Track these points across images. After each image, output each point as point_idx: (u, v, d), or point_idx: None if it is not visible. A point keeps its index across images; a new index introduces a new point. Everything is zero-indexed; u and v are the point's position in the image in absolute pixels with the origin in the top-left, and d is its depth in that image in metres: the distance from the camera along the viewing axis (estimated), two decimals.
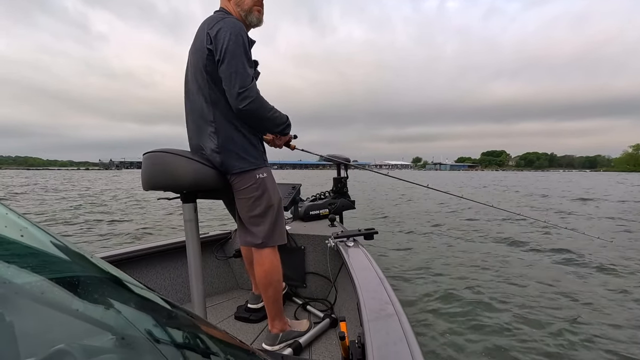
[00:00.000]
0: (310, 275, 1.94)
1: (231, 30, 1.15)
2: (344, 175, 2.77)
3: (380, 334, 0.77)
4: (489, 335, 2.15)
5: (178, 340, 0.34)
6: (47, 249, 0.34)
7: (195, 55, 1.24)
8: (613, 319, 2.35)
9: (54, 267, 0.34)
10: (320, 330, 1.51)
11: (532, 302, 2.61)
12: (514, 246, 4.39)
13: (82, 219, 6.75)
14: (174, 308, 0.38)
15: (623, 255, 3.92)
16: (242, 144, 1.25)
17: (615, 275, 3.24)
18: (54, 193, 13.45)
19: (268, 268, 1.33)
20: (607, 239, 3.88)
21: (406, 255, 4.02)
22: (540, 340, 2.07)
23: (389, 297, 0.98)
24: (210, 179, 1.24)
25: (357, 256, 1.43)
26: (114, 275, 0.37)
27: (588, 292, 2.83)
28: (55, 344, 0.27)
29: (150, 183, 1.21)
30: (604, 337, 2.10)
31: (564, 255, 3.93)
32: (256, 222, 1.31)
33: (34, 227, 0.35)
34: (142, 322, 0.34)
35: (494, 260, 3.76)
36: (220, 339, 0.38)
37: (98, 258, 0.37)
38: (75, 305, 0.30)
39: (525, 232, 5.32)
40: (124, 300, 0.35)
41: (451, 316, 2.40)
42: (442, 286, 2.97)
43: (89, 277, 0.35)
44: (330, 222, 2.14)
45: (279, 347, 1.37)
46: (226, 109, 1.23)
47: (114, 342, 0.29)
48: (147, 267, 1.80)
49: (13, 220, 0.34)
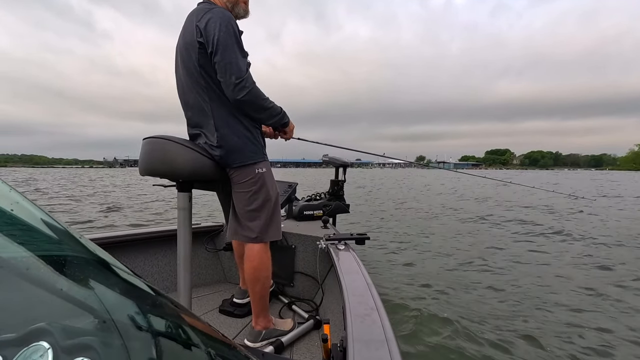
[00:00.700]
0: (298, 274, 1.94)
1: (220, 21, 1.14)
2: (341, 178, 2.77)
3: (362, 339, 0.77)
4: (474, 344, 2.16)
5: (160, 328, 0.34)
6: (36, 224, 0.34)
7: (186, 50, 1.21)
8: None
9: (41, 244, 0.34)
10: (304, 331, 1.51)
11: (523, 311, 2.62)
12: (507, 251, 4.39)
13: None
14: (158, 296, 0.38)
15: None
16: (241, 137, 1.25)
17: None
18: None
19: (257, 264, 1.32)
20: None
21: (396, 261, 4.03)
22: (532, 350, 2.09)
23: (374, 303, 0.98)
24: (208, 169, 1.24)
25: (347, 260, 1.43)
26: (101, 257, 0.37)
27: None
28: (35, 322, 0.27)
29: (148, 169, 1.21)
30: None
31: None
32: (252, 217, 1.31)
33: (26, 202, 0.35)
34: (125, 307, 0.33)
35: (486, 270, 3.78)
36: (202, 331, 0.38)
37: (87, 239, 0.37)
38: (60, 284, 0.30)
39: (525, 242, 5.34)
40: (109, 283, 0.35)
41: (436, 325, 2.41)
42: (429, 294, 2.98)
43: (76, 258, 0.35)
44: (323, 224, 2.14)
45: (260, 344, 1.37)
46: (223, 102, 1.22)
47: (95, 324, 0.29)
48: (135, 252, 1.79)
49: (4, 193, 0.34)
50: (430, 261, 4.15)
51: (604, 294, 2.95)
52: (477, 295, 3.00)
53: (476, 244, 5.00)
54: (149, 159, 1.20)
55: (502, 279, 3.56)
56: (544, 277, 3.48)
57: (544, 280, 3.45)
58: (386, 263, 3.99)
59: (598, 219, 6.87)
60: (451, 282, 3.43)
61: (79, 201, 9.17)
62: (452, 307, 2.75)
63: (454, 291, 3.13)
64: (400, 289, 3.16)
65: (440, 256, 4.31)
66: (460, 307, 2.77)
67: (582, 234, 5.33)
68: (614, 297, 2.87)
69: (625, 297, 2.87)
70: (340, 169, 2.78)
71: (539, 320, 2.52)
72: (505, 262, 4.13)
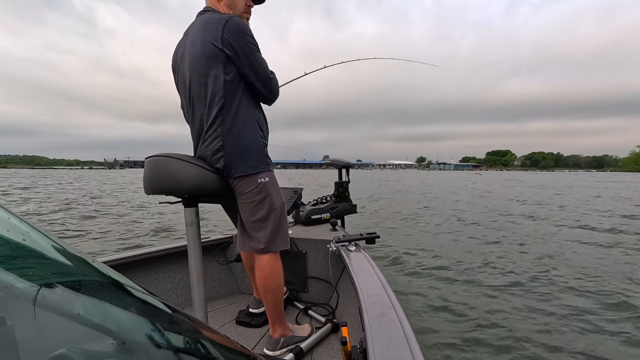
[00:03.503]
0: (311, 279, 1.93)
1: (243, 28, 1.21)
2: (345, 179, 2.77)
3: (382, 339, 0.76)
4: (496, 341, 2.12)
5: (179, 345, 0.34)
6: (48, 253, 0.34)
7: (206, 59, 1.19)
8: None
9: (55, 271, 0.34)
10: (322, 335, 1.50)
11: (548, 311, 2.57)
12: (529, 254, 4.32)
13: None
14: (175, 312, 0.38)
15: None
16: (244, 147, 1.25)
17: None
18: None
19: (268, 274, 1.32)
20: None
21: (410, 258, 4.00)
22: (557, 348, 2.04)
23: (390, 302, 0.97)
24: (212, 183, 1.24)
25: (359, 260, 1.42)
26: (115, 279, 0.37)
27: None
28: (56, 349, 0.27)
29: (153, 187, 1.22)
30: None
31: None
32: (258, 227, 1.31)
33: (36, 231, 0.35)
34: (143, 327, 0.33)
35: (505, 263, 3.73)
36: (221, 344, 0.38)
37: (99, 262, 0.37)
38: (77, 309, 0.30)
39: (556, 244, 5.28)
40: (125, 304, 0.35)
41: (455, 322, 2.38)
42: (446, 291, 2.95)
43: (90, 282, 0.35)
44: (332, 227, 2.14)
45: (280, 352, 1.36)
46: (237, 114, 1.23)
47: (114, 346, 0.29)
48: (148, 271, 1.80)
49: (15, 224, 0.34)
50: (451, 253, 4.11)
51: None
52: (504, 292, 2.94)
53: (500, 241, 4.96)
54: (152, 177, 1.21)
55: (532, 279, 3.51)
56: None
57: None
58: (400, 260, 3.96)
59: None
60: (472, 275, 3.39)
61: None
62: (473, 301, 2.71)
63: (475, 286, 3.09)
64: (415, 284, 3.13)
65: (460, 249, 4.27)
66: (483, 301, 2.73)
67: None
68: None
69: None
70: (343, 170, 2.77)
71: (559, 323, 2.45)
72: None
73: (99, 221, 6.88)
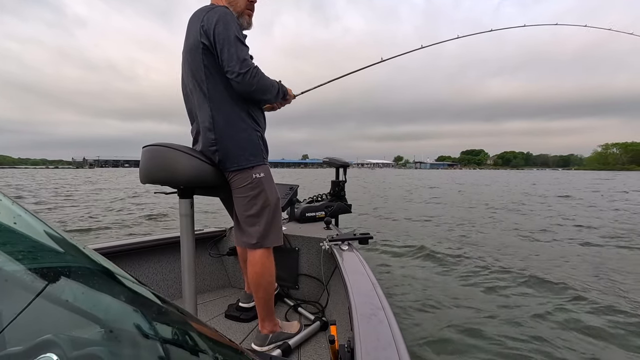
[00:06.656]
0: (303, 277, 1.94)
1: (219, 17, 1.18)
2: (342, 178, 2.77)
3: (370, 339, 0.76)
4: (483, 343, 2.15)
5: (167, 336, 0.34)
6: (40, 237, 0.34)
7: (190, 53, 1.24)
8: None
9: (45, 256, 0.34)
10: (311, 333, 1.50)
11: (534, 314, 2.60)
12: (516, 255, 4.38)
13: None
14: (164, 303, 0.38)
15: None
16: (240, 141, 1.25)
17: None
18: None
19: (259, 270, 1.32)
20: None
21: (401, 260, 4.02)
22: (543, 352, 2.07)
23: (380, 303, 0.97)
24: (209, 175, 1.24)
25: (351, 260, 1.43)
26: (105, 267, 0.37)
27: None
28: (42, 334, 0.27)
29: (148, 177, 1.21)
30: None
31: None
32: (252, 222, 1.31)
33: (28, 215, 0.35)
34: (132, 316, 0.33)
35: (493, 267, 3.76)
36: (209, 337, 0.38)
37: (91, 249, 0.37)
38: (65, 295, 0.30)
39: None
40: (114, 293, 0.35)
41: (443, 323, 2.40)
42: (436, 293, 2.97)
43: (81, 268, 0.35)
44: (326, 225, 2.14)
45: (268, 347, 1.37)
46: (225, 105, 1.23)
47: (102, 334, 0.29)
48: (139, 261, 1.79)
49: (7, 207, 0.34)
50: (442, 255, 4.13)
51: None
52: (486, 293, 2.97)
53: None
54: (149, 167, 1.20)
55: (514, 272, 3.55)
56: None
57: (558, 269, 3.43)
58: (392, 260, 3.98)
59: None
60: (461, 275, 3.41)
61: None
62: (461, 304, 2.73)
63: (464, 288, 3.12)
64: (406, 285, 3.15)
65: (453, 248, 4.29)
66: (469, 303, 2.76)
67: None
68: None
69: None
70: (340, 170, 2.77)
71: (541, 325, 2.49)
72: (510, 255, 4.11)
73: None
